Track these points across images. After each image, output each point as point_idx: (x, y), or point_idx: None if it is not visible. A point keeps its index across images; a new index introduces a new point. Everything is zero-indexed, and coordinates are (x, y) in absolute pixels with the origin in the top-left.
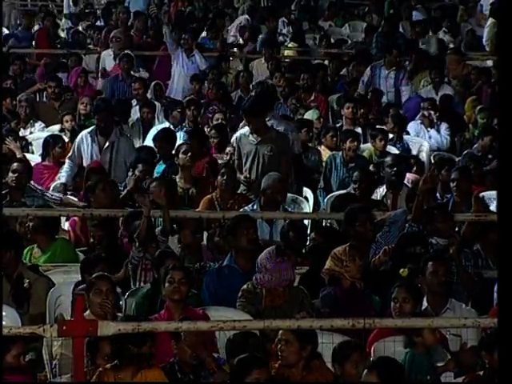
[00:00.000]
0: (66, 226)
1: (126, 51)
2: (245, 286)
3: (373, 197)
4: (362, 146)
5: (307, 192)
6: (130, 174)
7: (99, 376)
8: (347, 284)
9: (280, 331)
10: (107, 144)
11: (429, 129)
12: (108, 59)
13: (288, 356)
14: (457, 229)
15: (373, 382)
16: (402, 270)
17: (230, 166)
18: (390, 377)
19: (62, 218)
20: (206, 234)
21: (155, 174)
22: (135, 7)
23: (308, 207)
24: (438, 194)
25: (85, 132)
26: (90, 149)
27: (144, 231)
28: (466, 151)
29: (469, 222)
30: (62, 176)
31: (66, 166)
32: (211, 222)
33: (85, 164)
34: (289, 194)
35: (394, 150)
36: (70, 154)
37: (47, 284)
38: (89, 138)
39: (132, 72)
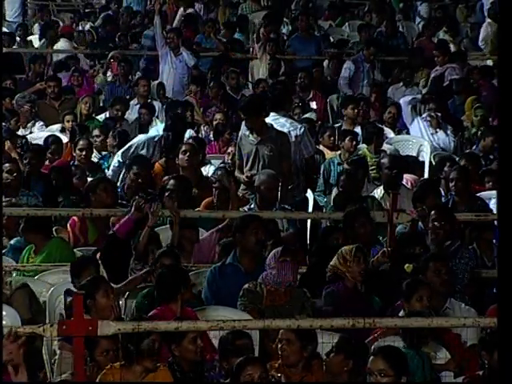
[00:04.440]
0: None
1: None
2: (246, 286)
3: None
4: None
5: (307, 192)
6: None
7: (105, 374)
8: (351, 283)
9: (281, 331)
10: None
11: (437, 129)
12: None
13: (289, 356)
14: None
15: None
16: (407, 265)
17: (224, 173)
18: (396, 360)
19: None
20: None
21: None
22: (134, 7)
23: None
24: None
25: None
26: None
27: (145, 242)
28: (466, 151)
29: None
30: None
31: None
32: None
33: None
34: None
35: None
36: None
37: (27, 294)
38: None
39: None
